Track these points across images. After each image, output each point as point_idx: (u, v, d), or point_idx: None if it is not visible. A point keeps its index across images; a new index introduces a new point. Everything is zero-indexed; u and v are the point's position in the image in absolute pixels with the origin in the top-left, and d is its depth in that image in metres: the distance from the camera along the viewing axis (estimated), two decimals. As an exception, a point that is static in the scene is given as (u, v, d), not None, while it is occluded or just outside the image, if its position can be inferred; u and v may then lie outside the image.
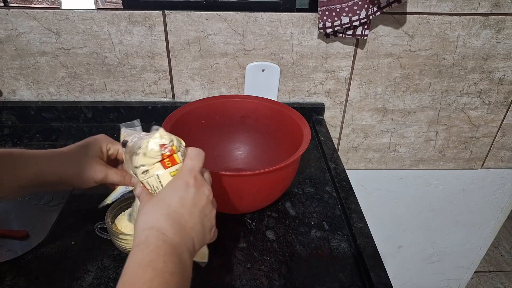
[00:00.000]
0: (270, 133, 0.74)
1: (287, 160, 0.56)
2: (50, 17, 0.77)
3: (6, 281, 0.51)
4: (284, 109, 0.70)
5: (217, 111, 0.73)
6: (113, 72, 0.84)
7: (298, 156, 0.58)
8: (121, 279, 0.32)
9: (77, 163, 0.48)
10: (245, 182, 0.57)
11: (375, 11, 0.75)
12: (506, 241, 1.94)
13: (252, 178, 0.57)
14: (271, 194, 0.62)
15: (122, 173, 0.51)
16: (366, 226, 0.61)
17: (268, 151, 0.74)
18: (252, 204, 0.63)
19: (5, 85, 0.85)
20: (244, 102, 0.74)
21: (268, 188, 0.60)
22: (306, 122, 0.65)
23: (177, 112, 0.67)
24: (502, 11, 0.81)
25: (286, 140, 0.68)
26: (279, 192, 0.64)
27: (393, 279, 0.53)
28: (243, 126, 0.75)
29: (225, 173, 0.53)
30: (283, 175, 0.60)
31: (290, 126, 0.68)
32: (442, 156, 1.04)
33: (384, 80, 0.89)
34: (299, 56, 0.84)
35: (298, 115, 0.68)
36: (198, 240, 0.39)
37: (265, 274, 0.54)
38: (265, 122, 0.73)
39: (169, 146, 0.41)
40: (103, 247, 0.57)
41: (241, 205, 0.61)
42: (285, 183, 0.64)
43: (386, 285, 0.51)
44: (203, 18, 0.78)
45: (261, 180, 0.57)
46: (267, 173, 0.55)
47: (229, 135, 0.76)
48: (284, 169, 0.57)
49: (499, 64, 0.88)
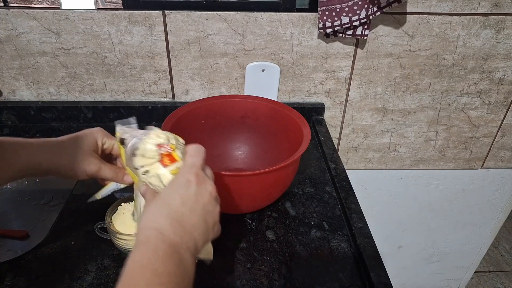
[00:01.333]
0: (270, 133, 0.74)
1: (287, 161, 0.56)
2: (50, 17, 0.77)
3: (6, 281, 0.51)
4: (284, 109, 0.70)
5: (217, 111, 0.73)
6: (113, 72, 0.84)
7: (298, 157, 0.58)
8: (120, 279, 0.32)
9: (71, 154, 0.48)
10: (245, 182, 0.57)
11: (375, 11, 0.75)
12: (506, 241, 1.94)
13: (252, 178, 0.56)
14: (271, 194, 0.62)
15: (115, 169, 0.50)
16: (366, 226, 0.61)
17: (268, 151, 0.74)
18: (252, 204, 0.63)
19: (5, 85, 0.85)
20: (244, 102, 0.74)
21: (268, 188, 0.60)
22: (306, 122, 0.65)
23: (177, 112, 0.67)
24: (502, 11, 0.81)
25: (286, 140, 0.68)
26: (279, 192, 0.64)
27: (393, 279, 0.53)
28: (243, 126, 0.75)
29: (225, 173, 0.53)
30: (282, 175, 0.60)
31: (290, 126, 0.68)
32: (442, 156, 1.04)
33: (384, 80, 0.89)
34: (299, 56, 0.84)
35: (298, 115, 0.68)
36: (201, 238, 0.39)
37: (265, 274, 0.54)
38: (265, 122, 0.73)
39: (166, 144, 0.41)
40: (103, 247, 0.57)
41: (241, 205, 0.61)
42: (285, 183, 0.64)
43: (386, 285, 0.51)
44: (203, 18, 0.78)
45: (260, 180, 0.57)
46: (266, 173, 0.55)
47: (229, 135, 0.76)
48: (284, 169, 0.57)
49: (499, 64, 0.88)
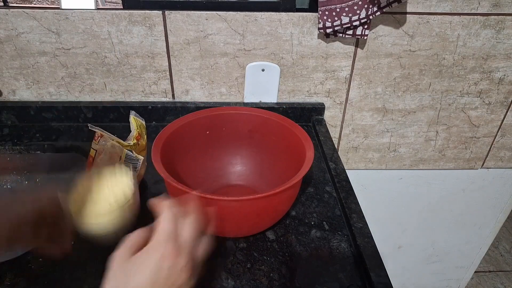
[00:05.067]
0: (275, 150, 0.69)
1: (276, 189, 0.50)
2: (50, 17, 0.77)
3: (6, 281, 0.51)
4: (291, 127, 0.65)
5: (223, 123, 0.70)
6: (113, 72, 0.84)
7: (291, 184, 0.52)
8: None
9: None
10: (228, 207, 0.52)
11: (375, 11, 0.75)
12: (506, 241, 1.94)
13: (235, 204, 0.51)
14: (258, 223, 0.57)
15: None
16: (366, 226, 0.61)
17: (273, 169, 0.70)
18: (237, 230, 0.58)
19: (5, 85, 0.85)
20: (252, 116, 0.70)
21: (255, 216, 0.54)
22: (312, 144, 0.60)
23: (182, 119, 0.65)
24: (502, 11, 0.81)
25: (291, 160, 0.63)
26: (270, 220, 0.59)
27: (393, 279, 0.53)
28: (250, 141, 0.71)
29: (204, 195, 0.48)
30: (273, 203, 0.54)
31: (294, 146, 0.63)
32: (442, 156, 1.04)
33: (384, 80, 0.89)
34: (299, 56, 0.84)
35: (305, 136, 0.62)
36: None
37: (265, 274, 0.54)
38: (272, 139, 0.69)
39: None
40: (103, 247, 0.57)
41: (227, 229, 0.56)
42: (278, 209, 0.58)
43: (386, 285, 0.51)
44: (203, 18, 0.78)
45: (247, 206, 0.52)
46: (251, 200, 0.50)
47: (234, 149, 0.72)
48: (275, 197, 0.51)
49: (499, 64, 0.88)
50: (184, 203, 0.39)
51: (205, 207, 0.41)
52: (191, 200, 0.40)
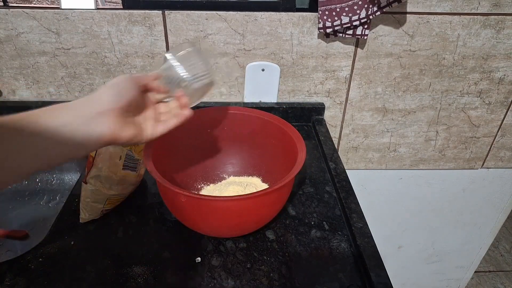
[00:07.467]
0: (275, 152, 0.68)
1: (261, 192, 0.50)
2: (50, 17, 0.77)
3: (6, 281, 0.51)
4: (287, 130, 0.64)
5: (225, 122, 0.69)
6: (113, 72, 0.84)
7: (279, 186, 0.51)
8: None
9: (78, 115, 0.40)
10: (210, 206, 0.52)
11: (375, 10, 0.75)
12: (506, 241, 1.94)
13: (220, 203, 0.52)
14: (241, 223, 0.56)
15: (136, 129, 0.45)
16: (366, 226, 0.61)
17: (271, 171, 0.69)
18: (217, 231, 0.58)
19: (5, 85, 0.85)
20: (253, 117, 0.69)
21: (242, 216, 0.54)
22: (304, 146, 0.59)
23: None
24: (502, 11, 0.81)
25: (285, 163, 0.61)
26: (254, 224, 0.58)
27: (393, 279, 0.53)
28: (250, 141, 0.71)
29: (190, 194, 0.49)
30: (258, 204, 0.53)
31: (290, 150, 0.62)
32: (442, 156, 1.04)
33: (384, 80, 0.89)
34: (299, 56, 0.84)
35: (298, 136, 0.61)
36: None
37: (265, 274, 0.54)
38: (273, 142, 0.68)
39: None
40: (103, 247, 0.57)
41: (211, 228, 0.57)
42: (260, 213, 0.56)
43: (386, 285, 0.51)
44: (203, 18, 0.78)
45: (233, 206, 0.52)
46: (237, 199, 0.51)
47: (233, 149, 0.72)
48: (257, 198, 0.51)
49: (499, 64, 0.88)
50: None
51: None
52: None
